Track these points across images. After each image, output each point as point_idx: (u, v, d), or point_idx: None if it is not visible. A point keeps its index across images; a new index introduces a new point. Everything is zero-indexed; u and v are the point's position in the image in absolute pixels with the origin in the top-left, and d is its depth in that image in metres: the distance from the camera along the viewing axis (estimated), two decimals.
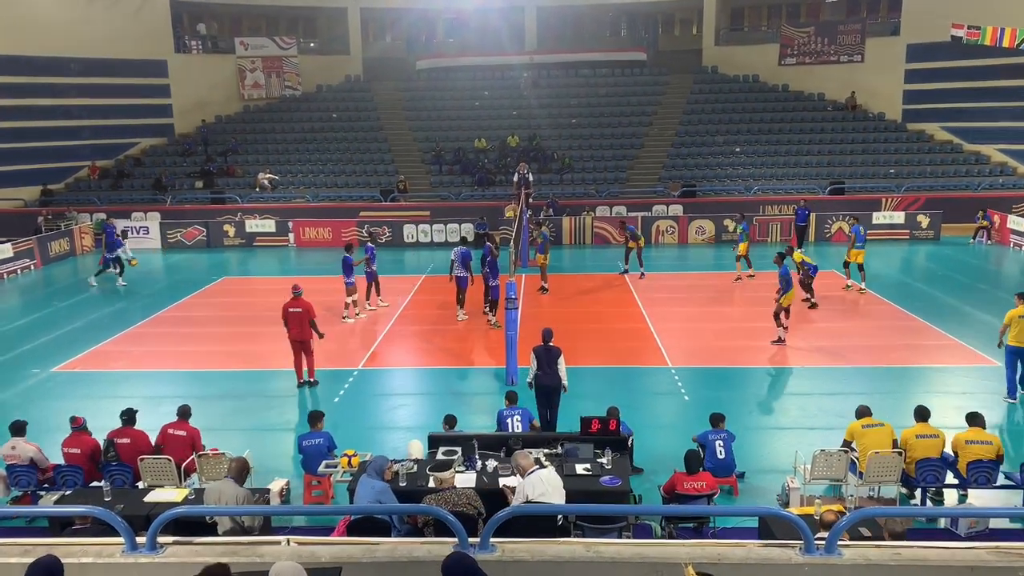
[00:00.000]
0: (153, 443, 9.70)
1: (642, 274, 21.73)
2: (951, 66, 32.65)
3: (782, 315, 15.79)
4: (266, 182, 32.15)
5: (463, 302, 17.97)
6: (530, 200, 26.59)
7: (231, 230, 28.96)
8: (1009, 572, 4.76)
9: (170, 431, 9.74)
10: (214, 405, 13.19)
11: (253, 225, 29.07)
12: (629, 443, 9.78)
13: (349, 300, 18.12)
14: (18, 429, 9.62)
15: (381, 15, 40.61)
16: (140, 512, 7.88)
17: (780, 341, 15.68)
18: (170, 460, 9.22)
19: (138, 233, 28.82)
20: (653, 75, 38.93)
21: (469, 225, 27.98)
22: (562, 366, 11.22)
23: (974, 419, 9.34)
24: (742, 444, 10.09)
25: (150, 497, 8.48)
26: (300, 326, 13.59)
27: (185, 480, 9.41)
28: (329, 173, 33.59)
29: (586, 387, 13.60)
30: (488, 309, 17.60)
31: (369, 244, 19.24)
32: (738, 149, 33.44)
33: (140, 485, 9.21)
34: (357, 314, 18.30)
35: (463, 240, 20.52)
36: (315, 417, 9.90)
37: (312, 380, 13.92)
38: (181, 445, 9.56)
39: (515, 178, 27.83)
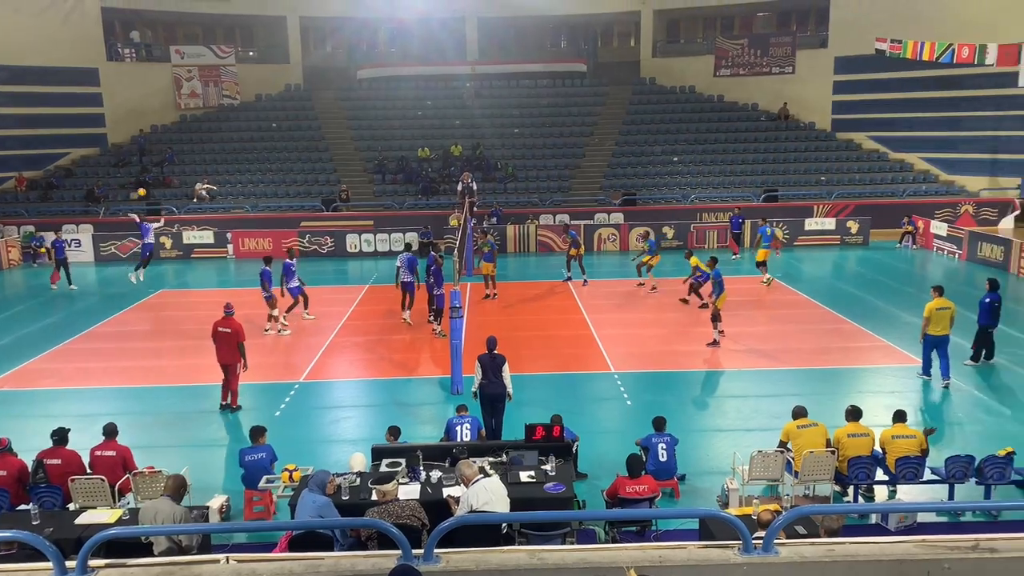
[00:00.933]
0: (86, 463, 9.39)
1: (585, 281, 21.98)
2: (876, 78, 34.00)
3: (719, 317, 16.18)
4: (204, 192, 31.49)
5: (410, 305, 18.12)
6: (474, 209, 26.66)
7: (168, 242, 28.25)
8: (935, 564, 4.94)
9: (98, 453, 9.38)
10: (151, 422, 12.86)
11: (191, 236, 28.43)
12: (574, 449, 9.87)
13: (273, 313, 17.80)
14: None
15: (321, 24, 40.26)
16: (71, 535, 7.61)
17: (715, 343, 16.04)
18: (103, 480, 8.93)
19: (70, 246, 27.84)
20: (593, 86, 39.48)
21: (413, 234, 27.87)
22: (507, 374, 11.27)
23: (898, 416, 9.74)
24: (683, 447, 10.28)
25: (81, 519, 8.20)
26: (228, 348, 12.91)
27: (119, 500, 9.13)
28: (269, 183, 33.10)
29: (531, 394, 13.67)
30: (433, 318, 17.55)
31: (287, 260, 18.65)
32: (676, 158, 34.13)
33: (71, 507, 8.89)
34: (280, 330, 17.85)
35: (408, 247, 20.49)
36: (257, 432, 9.73)
37: (235, 406, 13.17)
38: (111, 466, 9.23)
39: (459, 187, 27.88)
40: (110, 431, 9.63)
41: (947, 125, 33.05)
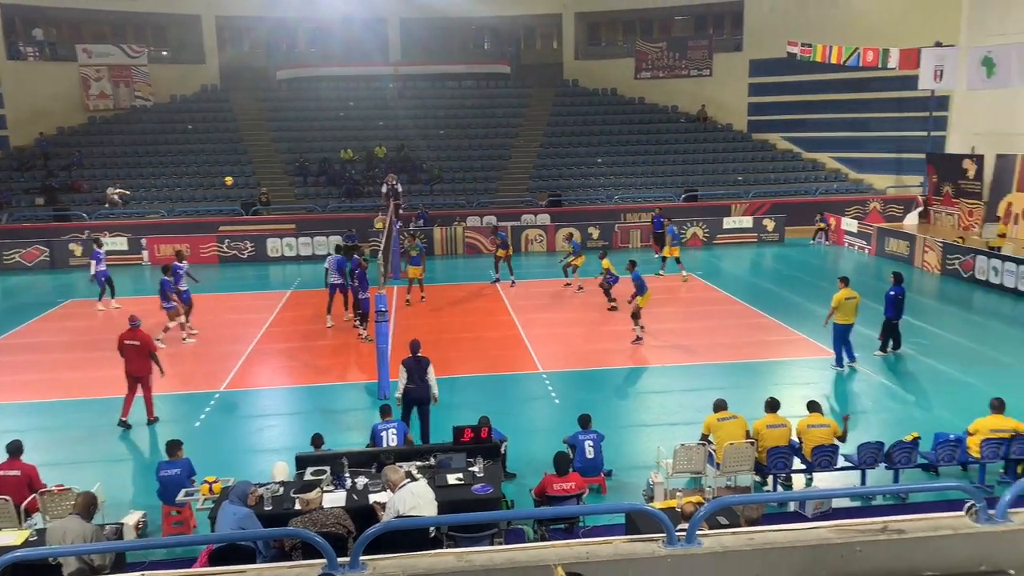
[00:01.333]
0: None
1: (513, 282, 22.06)
2: (789, 80, 35.25)
3: (639, 316, 16.47)
4: (116, 197, 30.26)
5: (346, 306, 17.96)
6: (399, 211, 26.40)
7: (78, 249, 27.01)
8: (848, 547, 5.12)
9: (1, 473, 8.92)
10: (61, 437, 12.29)
11: (103, 243, 27.19)
12: (502, 450, 9.89)
13: (172, 324, 17.05)
14: None
15: (237, 23, 39.20)
16: None
17: (639, 340, 16.34)
18: (7, 500, 8.48)
19: None
20: (517, 88, 39.69)
21: (337, 237, 27.43)
22: (432, 377, 11.23)
23: (812, 406, 10.12)
24: (610, 443, 10.41)
25: None
26: (140, 360, 12.47)
27: (26, 521, 8.68)
28: (186, 187, 32.05)
29: (460, 396, 13.65)
30: (359, 323, 17.31)
31: (175, 263, 17.95)
32: (599, 160, 34.61)
33: None
34: (184, 338, 17.26)
35: (337, 248, 20.21)
36: (173, 446, 9.39)
37: (152, 418, 12.71)
38: (16, 486, 8.75)
39: (383, 189, 27.56)
40: (14, 449, 9.16)
41: (855, 126, 34.55)
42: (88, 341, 17.66)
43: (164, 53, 39.16)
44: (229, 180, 30.87)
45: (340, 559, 5.04)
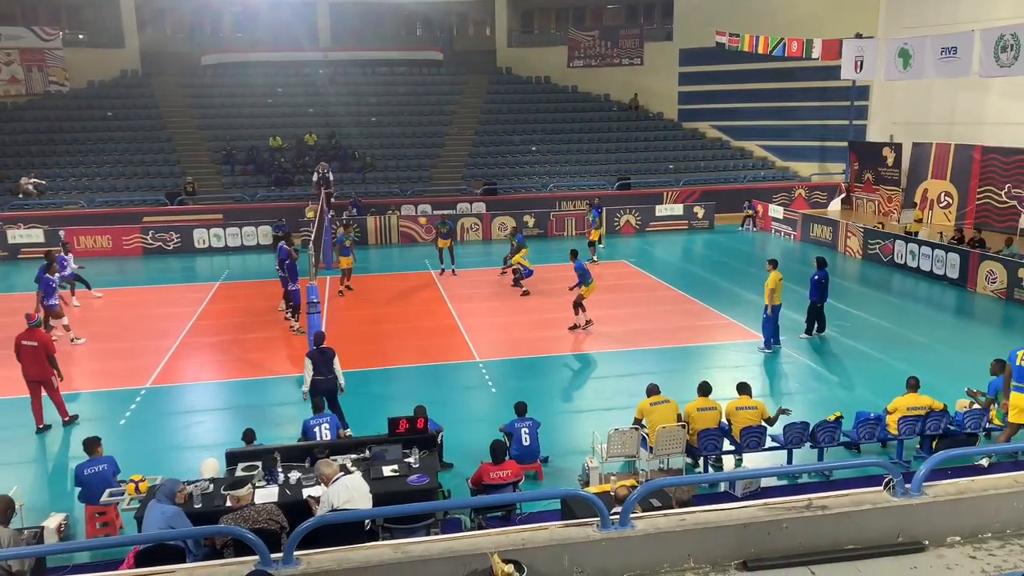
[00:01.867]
0: None
1: (453, 271, 21.98)
2: (717, 70, 35.95)
3: (582, 306, 16.62)
4: (31, 187, 28.91)
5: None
6: (331, 200, 25.98)
7: None
8: (775, 524, 5.28)
9: None
10: None
11: (17, 235, 26.04)
12: (439, 440, 9.86)
13: (56, 324, 16.01)
14: None
15: (158, 4, 37.72)
16: None
17: (576, 328, 16.48)
18: None
19: None
20: (450, 75, 39.39)
21: (267, 227, 26.86)
22: (338, 367, 11.23)
23: (741, 388, 10.40)
24: (546, 429, 10.50)
25: None
26: (37, 363, 11.68)
27: None
28: (106, 176, 30.81)
29: (395, 387, 13.56)
30: (290, 314, 16.98)
31: (61, 255, 17.19)
32: (534, 148, 34.69)
33: None
34: (73, 339, 16.24)
35: (277, 238, 19.73)
36: (91, 443, 9.05)
37: (67, 418, 12.09)
38: None
39: (315, 177, 27.07)
40: None
41: (781, 115, 35.48)
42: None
43: (80, 36, 37.45)
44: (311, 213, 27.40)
45: (273, 555, 4.97)
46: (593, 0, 40.04)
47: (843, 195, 31.99)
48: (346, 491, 7.18)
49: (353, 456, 8.84)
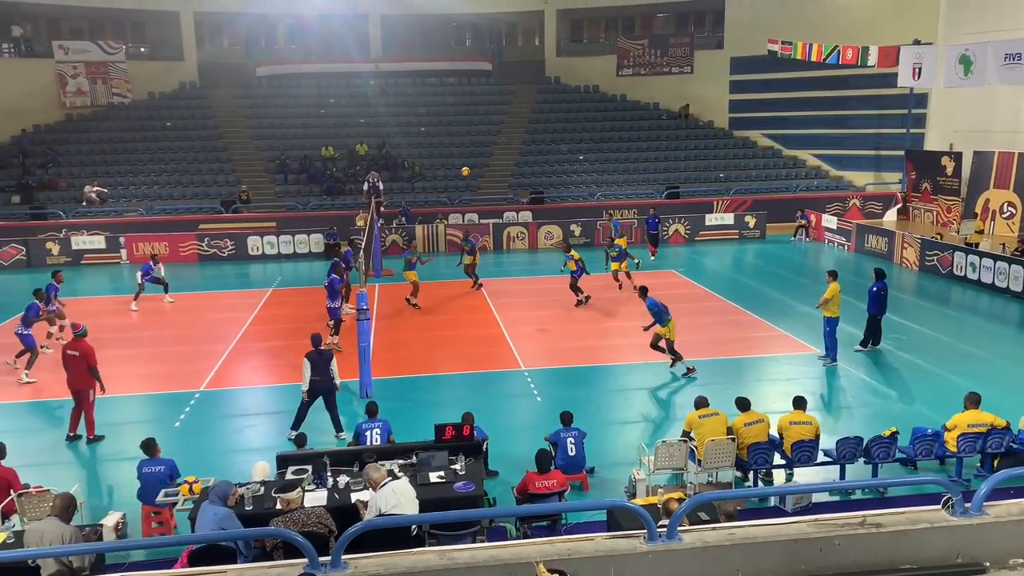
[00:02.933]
0: None
1: (480, 286, 21.55)
2: (769, 78, 35.46)
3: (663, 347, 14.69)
4: (94, 195, 29.93)
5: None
6: (381, 209, 26.31)
7: (55, 248, 26.70)
8: (826, 541, 5.17)
9: None
10: (39, 438, 12.16)
11: (80, 242, 26.97)
12: (484, 447, 9.89)
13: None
14: None
15: (216, 19, 38.83)
16: None
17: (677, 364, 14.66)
18: None
19: None
20: (499, 84, 39.64)
21: (318, 235, 27.33)
22: (335, 368, 11.56)
23: (797, 403, 10.19)
24: (592, 440, 10.44)
25: None
26: (78, 373, 11.62)
27: (3, 523, 8.57)
28: (164, 184, 31.75)
29: (441, 395, 13.64)
30: (332, 331, 16.72)
31: (52, 284, 16.84)
32: (581, 157, 34.66)
33: None
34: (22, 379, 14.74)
35: (334, 266, 17.62)
36: (149, 444, 9.31)
37: (92, 436, 11.86)
38: None
39: (365, 187, 27.44)
40: None
41: (835, 123, 34.83)
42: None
43: (142, 49, 38.76)
44: (466, 171, 28.60)
45: (322, 558, 5.03)
46: (643, 9, 39.89)
47: (899, 205, 31.20)
48: (393, 496, 7.24)
49: (400, 461, 8.91)
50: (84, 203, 29.71)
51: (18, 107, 33.89)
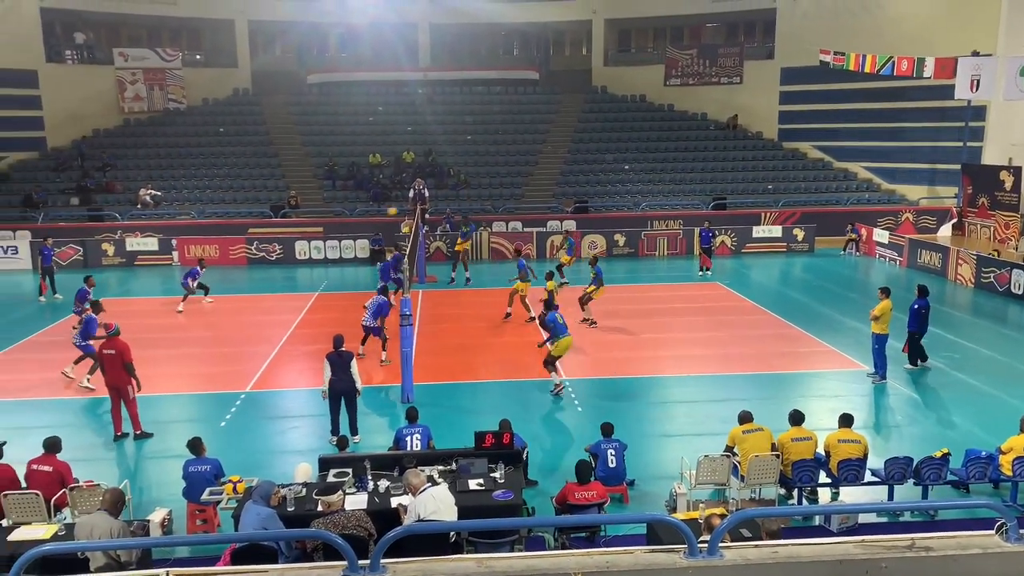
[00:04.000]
0: (22, 478, 9.05)
1: (467, 279, 21.53)
2: (820, 89, 34.87)
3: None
4: (148, 198, 30.77)
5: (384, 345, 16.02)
6: (426, 216, 26.51)
7: (110, 249, 27.51)
8: (873, 563, 5.04)
9: (35, 467, 9.06)
10: (89, 434, 12.49)
11: (134, 243, 27.73)
12: (524, 456, 9.87)
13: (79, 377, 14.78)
14: None
15: (270, 27, 39.68)
16: (2, 552, 7.35)
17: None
18: (37, 495, 8.62)
19: (6, 253, 27.01)
20: (545, 94, 39.72)
21: (364, 241, 27.66)
22: (355, 370, 11.58)
23: (845, 420, 9.96)
24: (633, 452, 10.35)
25: (14, 535, 7.90)
26: (114, 371, 11.99)
27: (56, 515, 8.82)
28: (216, 189, 32.49)
29: (482, 402, 13.67)
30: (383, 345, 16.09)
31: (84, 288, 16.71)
32: (627, 166, 34.51)
33: (3, 523, 8.57)
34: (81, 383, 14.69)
35: (383, 289, 16.91)
36: (195, 444, 9.50)
37: (140, 432, 12.15)
38: (48, 481, 8.91)
39: (411, 194, 27.70)
40: (50, 445, 9.30)
41: (888, 136, 34.07)
42: (128, 340, 17.91)
43: (198, 57, 39.78)
44: (393, 211, 28.42)
45: (361, 561, 5.06)
46: (692, 19, 39.62)
47: (954, 220, 30.35)
48: (433, 502, 7.27)
49: (440, 468, 8.94)
50: (139, 206, 30.54)
51: (80, 112, 35.05)
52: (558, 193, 32.93)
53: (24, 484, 8.94)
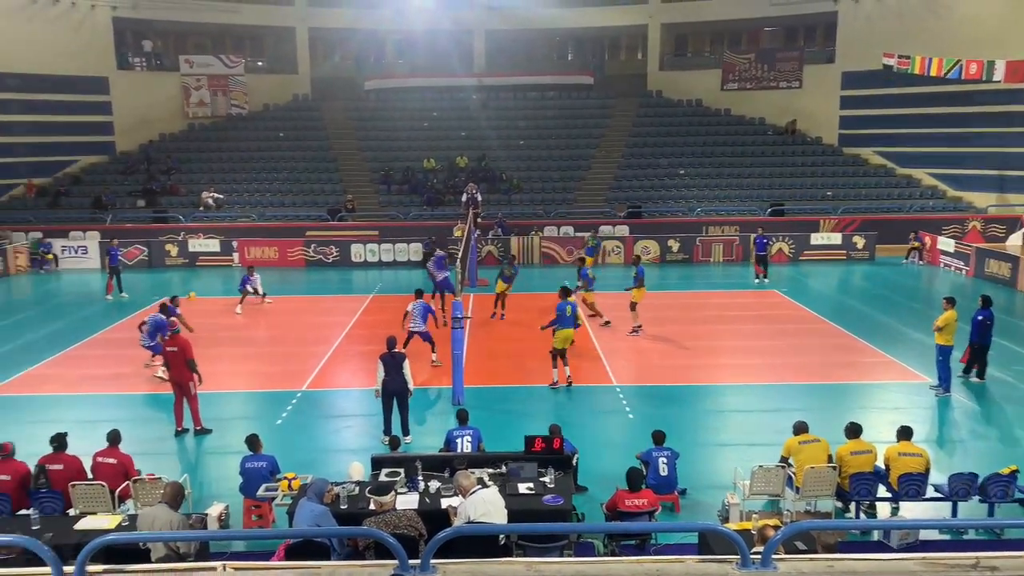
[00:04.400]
0: (88, 469, 9.40)
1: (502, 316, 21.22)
2: (883, 93, 33.98)
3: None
4: (211, 201, 31.64)
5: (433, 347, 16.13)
6: (478, 220, 26.69)
7: (173, 249, 28.38)
8: None
9: (99, 459, 9.40)
10: (152, 428, 12.89)
11: (196, 244, 28.54)
12: (573, 461, 9.83)
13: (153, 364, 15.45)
14: None
15: (330, 35, 40.48)
16: (70, 541, 7.61)
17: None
18: (103, 486, 8.94)
19: (76, 253, 28.09)
20: (600, 98, 39.58)
21: (418, 244, 27.95)
22: (408, 371, 11.76)
23: (905, 433, 9.67)
24: (684, 461, 10.23)
25: (81, 525, 8.20)
26: (177, 367, 12.50)
27: (119, 506, 9.13)
28: (275, 192, 33.23)
29: (532, 406, 13.67)
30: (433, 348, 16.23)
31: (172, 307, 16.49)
32: (682, 171, 34.14)
33: (71, 512, 8.90)
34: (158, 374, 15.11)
35: (419, 292, 16.70)
36: (253, 440, 9.72)
37: (200, 428, 12.52)
38: (112, 473, 9.23)
39: (463, 198, 27.93)
40: (113, 438, 9.64)
41: (955, 141, 32.96)
42: (189, 338, 18.44)
43: (260, 63, 40.77)
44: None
45: (411, 561, 5.12)
46: (751, 23, 39.03)
47: None
48: (483, 504, 7.30)
49: (490, 471, 8.97)
50: (201, 208, 31.42)
51: (147, 117, 36.30)
52: (611, 198, 32.76)
53: (90, 475, 9.27)
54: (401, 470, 8.91)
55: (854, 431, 9.66)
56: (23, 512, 8.89)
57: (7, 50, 31.64)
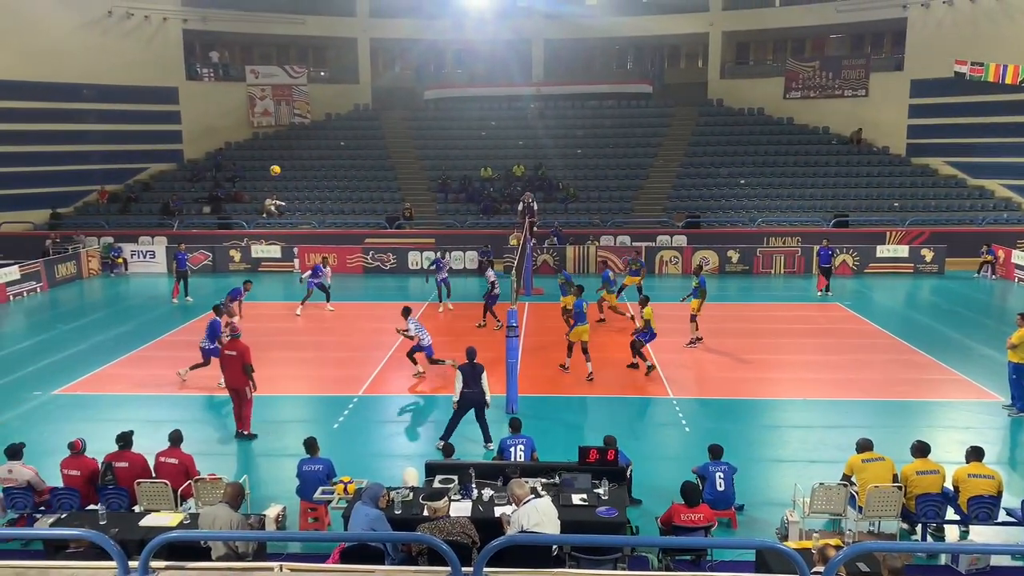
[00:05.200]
0: (152, 468, 9.67)
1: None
2: (954, 102, 32.86)
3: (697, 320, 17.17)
4: (273, 208, 32.39)
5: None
6: (534, 229, 26.69)
7: (237, 255, 29.13)
8: None
9: (162, 459, 9.64)
10: (214, 429, 13.20)
11: (259, 250, 29.24)
12: (628, 474, 9.72)
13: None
14: (14, 452, 9.60)
15: (390, 45, 41.17)
16: (134, 536, 7.84)
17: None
18: (167, 484, 9.19)
19: (144, 257, 29.08)
20: (659, 107, 39.28)
21: (473, 252, 28.11)
22: (485, 382, 11.86)
23: (976, 454, 9.28)
24: (742, 476, 10.01)
25: (145, 521, 8.44)
26: (233, 372, 12.49)
27: (181, 505, 9.36)
28: (336, 200, 33.84)
29: (586, 416, 13.59)
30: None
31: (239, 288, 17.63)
32: (742, 181, 33.59)
33: (136, 509, 9.17)
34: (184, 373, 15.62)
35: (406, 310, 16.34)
36: (310, 443, 9.87)
37: (247, 433, 12.64)
38: (174, 473, 9.47)
39: (519, 207, 27.98)
40: (175, 438, 9.90)
41: None
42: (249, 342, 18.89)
43: (322, 74, 41.67)
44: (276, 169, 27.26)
45: (464, 568, 5.11)
46: (815, 30, 38.27)
47: None
48: (536, 514, 7.25)
49: (544, 480, 8.93)
50: (264, 215, 32.20)
51: (215, 125, 37.44)
52: (669, 207, 32.43)
53: (154, 474, 9.54)
54: (455, 477, 8.94)
55: (921, 450, 9.30)
56: (91, 507, 9.21)
57: (83, 62, 33.01)
